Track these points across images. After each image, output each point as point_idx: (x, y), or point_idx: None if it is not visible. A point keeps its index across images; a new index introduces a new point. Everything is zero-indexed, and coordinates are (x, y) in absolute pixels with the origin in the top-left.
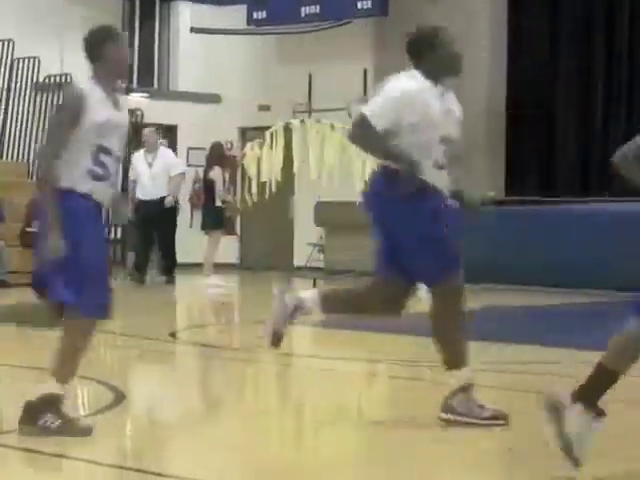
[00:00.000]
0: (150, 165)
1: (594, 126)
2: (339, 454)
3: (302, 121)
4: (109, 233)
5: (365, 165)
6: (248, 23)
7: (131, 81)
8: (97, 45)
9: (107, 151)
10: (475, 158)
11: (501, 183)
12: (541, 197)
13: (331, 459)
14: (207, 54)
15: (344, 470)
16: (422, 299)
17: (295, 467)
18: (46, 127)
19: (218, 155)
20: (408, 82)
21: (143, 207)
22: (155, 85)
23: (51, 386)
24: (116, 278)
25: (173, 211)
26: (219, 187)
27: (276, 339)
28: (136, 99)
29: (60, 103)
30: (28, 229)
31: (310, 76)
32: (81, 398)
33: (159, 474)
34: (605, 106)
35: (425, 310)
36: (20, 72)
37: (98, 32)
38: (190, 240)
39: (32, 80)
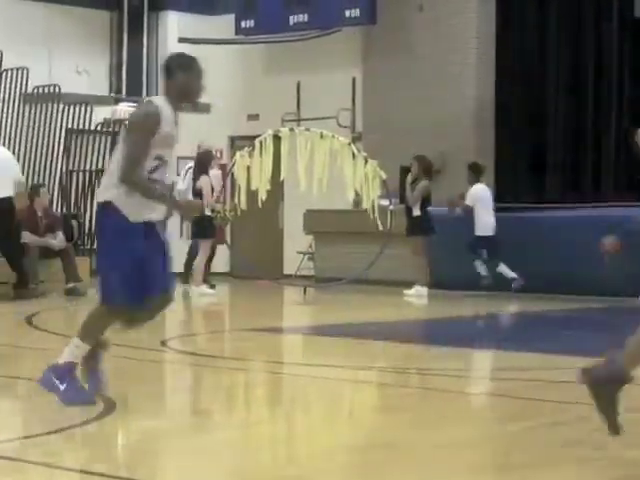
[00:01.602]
0: None
1: (585, 128)
2: (330, 462)
3: (291, 129)
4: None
5: (355, 173)
6: (236, 32)
7: (120, 91)
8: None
9: None
10: (464, 162)
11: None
12: (530, 201)
13: (323, 468)
14: None
15: (337, 478)
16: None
17: (288, 476)
18: (33, 138)
19: (205, 164)
20: None
21: None
22: (144, 95)
23: None
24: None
25: (5, 217)
26: (207, 196)
27: None
28: (125, 109)
29: None
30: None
31: (299, 85)
32: (73, 407)
33: None
34: (595, 108)
35: (414, 317)
36: (8, 83)
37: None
38: (179, 249)
39: (20, 91)
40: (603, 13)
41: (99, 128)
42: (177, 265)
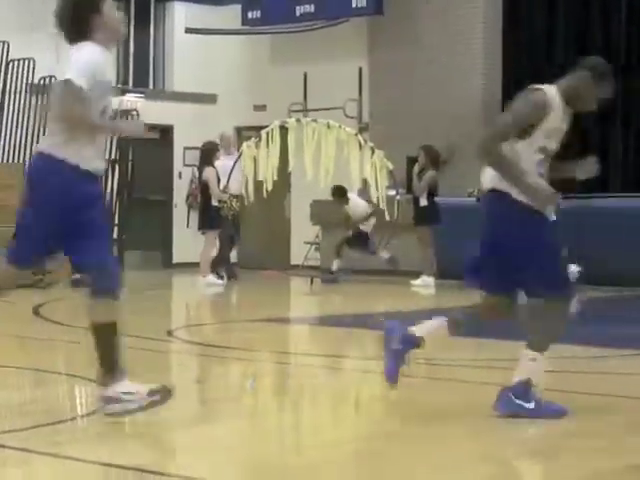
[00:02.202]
0: None
1: (591, 122)
2: (338, 452)
3: (298, 120)
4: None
5: (362, 164)
6: (243, 23)
7: (127, 82)
8: None
9: None
10: (471, 155)
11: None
12: None
13: (330, 457)
14: (202, 54)
15: (343, 468)
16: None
17: (294, 466)
18: (39, 129)
19: (209, 155)
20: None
21: None
22: (150, 85)
23: None
24: None
25: None
26: (214, 187)
27: None
28: (132, 100)
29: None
30: None
31: (305, 75)
32: (79, 398)
33: (159, 473)
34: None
35: (421, 307)
36: (15, 73)
37: None
38: (187, 240)
39: (27, 81)
40: (611, 4)
41: None
42: (194, 256)
